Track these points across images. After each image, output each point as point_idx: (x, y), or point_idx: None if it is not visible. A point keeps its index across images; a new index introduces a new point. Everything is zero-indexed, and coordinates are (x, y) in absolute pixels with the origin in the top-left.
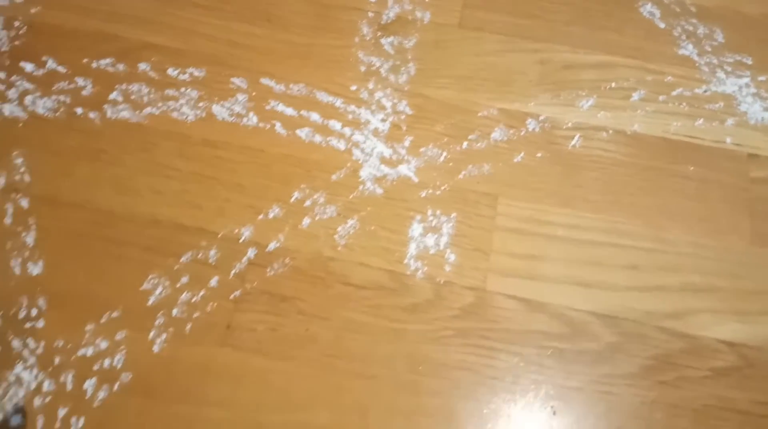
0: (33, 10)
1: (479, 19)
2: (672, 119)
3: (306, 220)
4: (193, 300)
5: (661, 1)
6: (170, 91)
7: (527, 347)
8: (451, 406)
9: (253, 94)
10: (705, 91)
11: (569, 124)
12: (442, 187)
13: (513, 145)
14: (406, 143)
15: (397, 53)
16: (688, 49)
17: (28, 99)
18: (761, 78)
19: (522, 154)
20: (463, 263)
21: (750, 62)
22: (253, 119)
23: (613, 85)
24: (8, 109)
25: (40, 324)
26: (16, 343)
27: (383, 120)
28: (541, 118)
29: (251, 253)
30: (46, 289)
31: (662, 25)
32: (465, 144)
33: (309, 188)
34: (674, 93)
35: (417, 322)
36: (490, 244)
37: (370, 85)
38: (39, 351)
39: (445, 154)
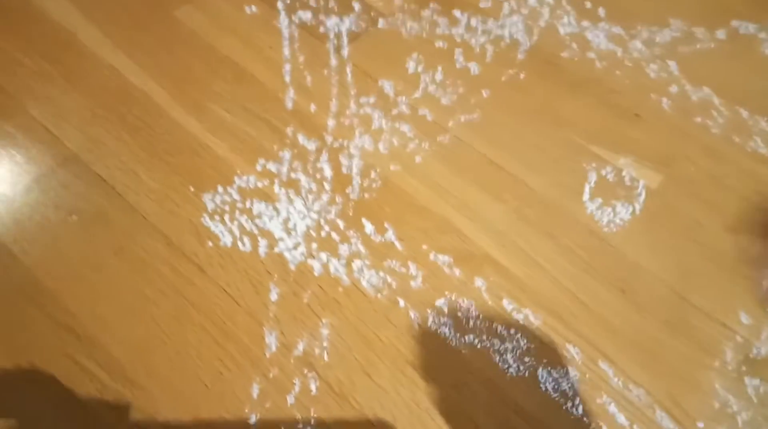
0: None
1: None
2: None
3: None
4: None
5: None
6: (500, 328)
7: None
8: None
9: (587, 375)
10: None
11: None
12: None
13: None
14: None
15: (760, 403)
16: None
17: (356, 264)
18: None
19: None
20: None
21: None
22: (578, 409)
23: None
24: (333, 266)
25: None
26: None
27: None
28: None
29: None
30: None
31: None
32: None
33: None
34: None
35: None
36: None
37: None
38: None
39: None
